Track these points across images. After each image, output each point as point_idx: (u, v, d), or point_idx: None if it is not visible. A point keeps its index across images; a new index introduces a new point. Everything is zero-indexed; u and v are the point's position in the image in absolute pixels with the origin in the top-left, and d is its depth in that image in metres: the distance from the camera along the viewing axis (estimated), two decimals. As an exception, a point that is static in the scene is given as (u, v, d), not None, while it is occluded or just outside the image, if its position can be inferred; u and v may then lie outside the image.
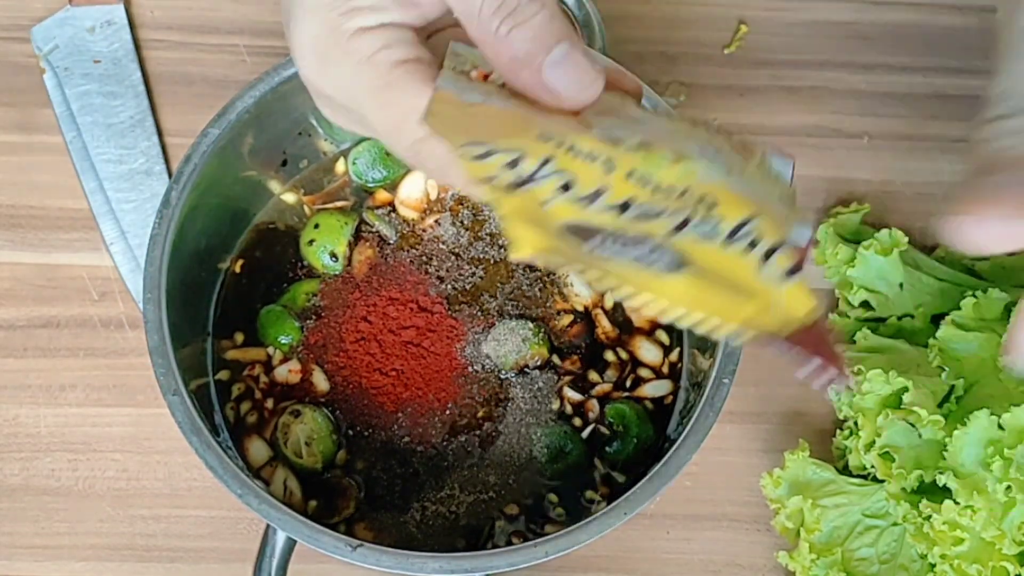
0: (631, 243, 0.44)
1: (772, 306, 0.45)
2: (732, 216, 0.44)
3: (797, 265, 0.44)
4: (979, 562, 0.60)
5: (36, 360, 0.71)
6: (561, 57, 0.43)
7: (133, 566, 0.67)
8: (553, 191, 0.44)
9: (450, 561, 0.57)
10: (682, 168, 0.45)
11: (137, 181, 0.74)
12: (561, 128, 0.44)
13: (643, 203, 0.44)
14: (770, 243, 0.44)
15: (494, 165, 0.44)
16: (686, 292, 0.45)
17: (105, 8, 0.78)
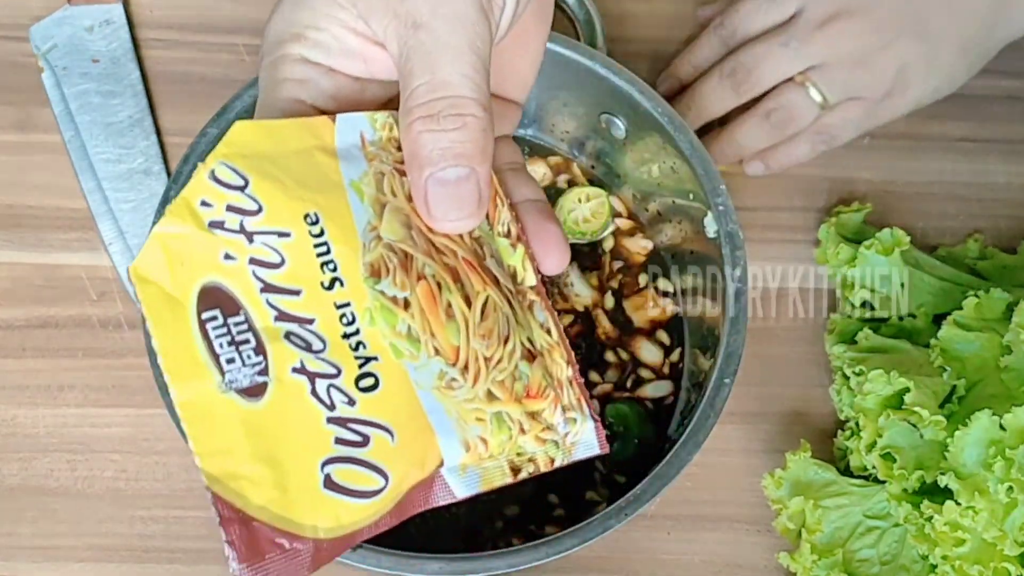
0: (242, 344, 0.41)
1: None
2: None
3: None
4: (980, 563, 0.60)
5: (34, 360, 0.70)
6: (452, 178, 0.42)
7: (132, 567, 0.67)
8: (248, 257, 0.41)
9: (450, 562, 0.56)
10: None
11: (136, 181, 0.74)
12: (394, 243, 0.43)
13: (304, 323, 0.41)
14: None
15: (222, 203, 0.41)
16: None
17: (104, 7, 0.77)
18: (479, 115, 0.42)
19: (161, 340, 0.40)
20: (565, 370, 0.44)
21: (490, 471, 0.43)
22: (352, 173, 0.44)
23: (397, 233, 0.43)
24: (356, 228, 0.43)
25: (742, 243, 0.63)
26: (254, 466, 0.40)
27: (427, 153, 0.42)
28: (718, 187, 0.64)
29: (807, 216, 0.76)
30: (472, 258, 0.44)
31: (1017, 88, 0.80)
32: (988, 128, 0.79)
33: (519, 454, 0.44)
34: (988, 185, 0.77)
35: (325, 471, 0.40)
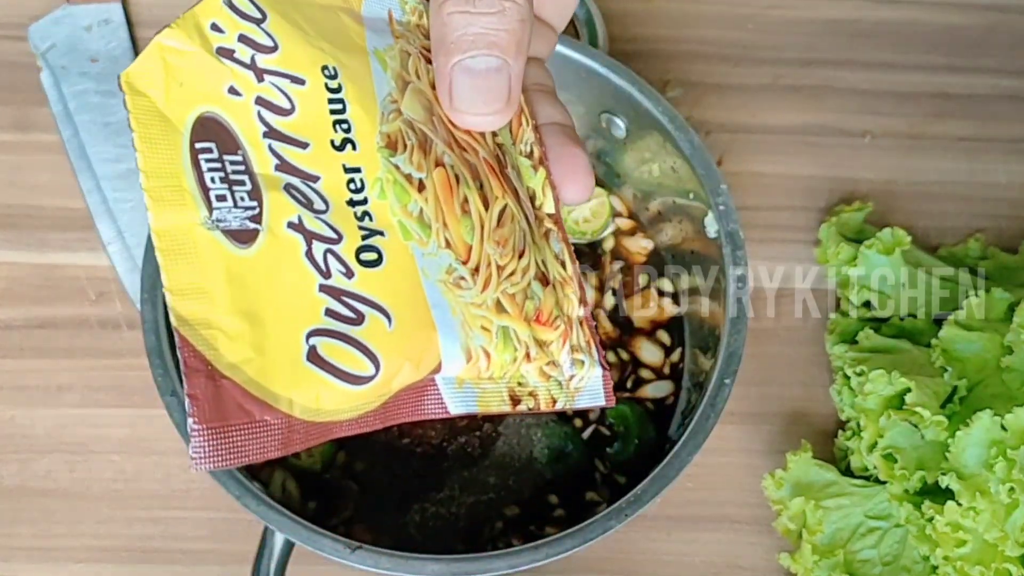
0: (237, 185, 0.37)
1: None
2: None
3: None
4: (982, 564, 0.59)
5: (33, 361, 0.70)
6: (480, 68, 0.38)
7: (131, 568, 0.67)
8: (255, 96, 0.38)
9: (450, 563, 0.56)
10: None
11: (135, 180, 0.73)
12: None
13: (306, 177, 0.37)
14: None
15: (235, 31, 0.38)
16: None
17: (103, 7, 0.77)
18: (521, 4, 0.38)
19: (145, 158, 0.37)
20: (576, 308, 0.40)
21: (488, 393, 0.39)
22: (377, 43, 0.40)
23: (418, 114, 0.39)
24: (376, 95, 0.39)
25: (743, 243, 0.63)
26: (232, 318, 0.35)
27: (456, 36, 0.38)
28: (719, 187, 0.64)
29: (808, 216, 0.75)
30: (493, 162, 0.40)
31: (1018, 88, 0.80)
32: (990, 128, 0.78)
33: (520, 383, 0.40)
34: (989, 185, 0.77)
35: (310, 342, 0.36)
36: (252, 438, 0.34)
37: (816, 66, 0.80)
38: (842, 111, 0.79)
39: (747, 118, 0.78)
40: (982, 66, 0.80)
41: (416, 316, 0.37)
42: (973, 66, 0.80)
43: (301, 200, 0.37)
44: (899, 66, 0.80)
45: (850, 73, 0.80)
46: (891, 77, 0.79)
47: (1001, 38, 0.81)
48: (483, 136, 0.40)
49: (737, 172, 0.76)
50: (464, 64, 0.38)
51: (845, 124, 0.78)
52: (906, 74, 0.80)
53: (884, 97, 0.79)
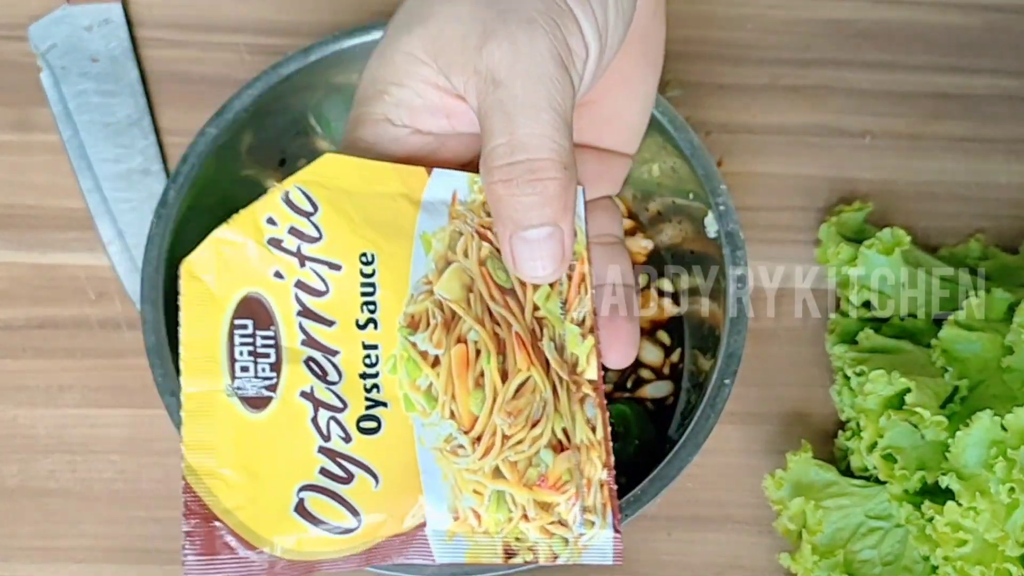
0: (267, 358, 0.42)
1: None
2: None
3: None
4: (982, 564, 0.59)
5: (33, 361, 0.70)
6: (535, 238, 0.43)
7: (131, 568, 0.67)
8: (296, 279, 0.43)
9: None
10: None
11: (135, 180, 0.74)
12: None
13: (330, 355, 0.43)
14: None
15: (287, 224, 0.43)
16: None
17: (103, 6, 0.77)
18: (559, 176, 0.42)
19: (187, 332, 0.42)
20: (599, 472, 0.44)
21: (481, 546, 0.42)
22: (428, 226, 0.44)
23: (454, 293, 0.44)
24: (409, 277, 0.44)
25: (743, 243, 0.63)
26: (233, 471, 0.41)
27: (508, 213, 0.42)
28: (719, 187, 0.64)
29: (808, 216, 0.75)
30: (526, 335, 0.44)
31: (1019, 88, 0.80)
32: (990, 128, 0.78)
33: (518, 539, 0.43)
34: (990, 185, 0.77)
35: (300, 495, 0.41)
36: (238, 568, 0.40)
37: (816, 66, 0.80)
38: (842, 111, 0.79)
39: (747, 118, 0.78)
40: (982, 66, 0.80)
41: (404, 479, 0.42)
42: (973, 66, 0.80)
43: (317, 372, 0.42)
44: (899, 66, 0.80)
45: (850, 73, 0.80)
46: (891, 77, 0.79)
47: (1001, 38, 0.81)
48: (522, 311, 0.44)
49: (737, 172, 0.76)
50: (519, 236, 0.42)
51: (845, 124, 0.78)
52: (906, 74, 0.80)
53: (884, 97, 0.79)
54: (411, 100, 0.44)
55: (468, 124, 0.45)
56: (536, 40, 0.41)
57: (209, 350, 0.42)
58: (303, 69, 0.66)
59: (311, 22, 0.79)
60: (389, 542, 0.41)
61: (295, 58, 0.66)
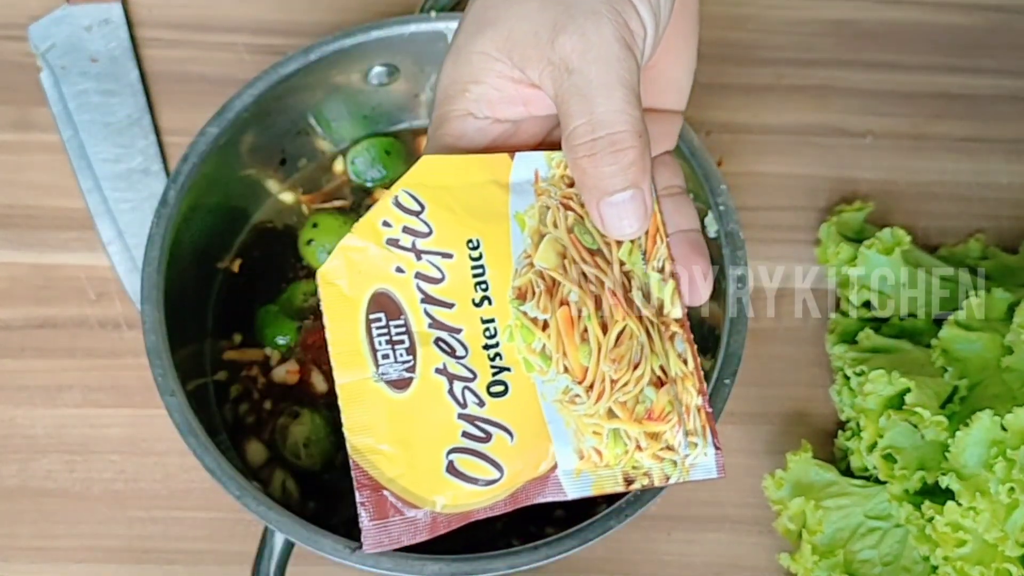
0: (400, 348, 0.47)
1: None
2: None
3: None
4: (982, 564, 0.59)
5: (33, 361, 0.70)
6: (620, 201, 0.47)
7: (131, 568, 0.67)
8: (415, 271, 0.48)
9: (449, 563, 0.56)
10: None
11: (135, 180, 0.74)
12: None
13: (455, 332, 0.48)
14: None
15: (400, 224, 0.48)
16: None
17: (102, 6, 0.77)
18: (636, 144, 0.46)
19: (333, 333, 0.47)
20: (695, 398, 0.48)
21: (603, 478, 0.47)
22: (519, 205, 0.49)
23: (550, 261, 0.48)
24: (512, 254, 0.49)
25: (743, 243, 0.63)
26: (391, 445, 0.46)
27: (594, 183, 0.47)
28: (719, 187, 0.64)
29: (808, 215, 0.75)
30: (618, 289, 0.49)
31: (1020, 88, 0.79)
32: (990, 128, 0.78)
33: (635, 467, 0.48)
34: (990, 185, 0.77)
35: (449, 458, 0.46)
36: (406, 527, 0.46)
37: (817, 66, 0.80)
38: (843, 111, 0.79)
39: (748, 118, 0.78)
40: (983, 66, 0.80)
41: (534, 431, 0.47)
42: (974, 66, 0.80)
43: (446, 350, 0.47)
44: (900, 66, 0.80)
45: (851, 73, 0.80)
46: (892, 77, 0.79)
47: (1002, 38, 0.81)
48: (610, 267, 0.49)
49: (737, 172, 0.76)
50: (606, 202, 0.47)
51: (846, 124, 0.78)
52: (907, 74, 0.80)
53: (885, 97, 0.79)
54: (489, 94, 0.49)
55: (544, 107, 0.49)
56: (602, 28, 0.46)
57: (352, 345, 0.47)
58: (303, 69, 0.66)
59: (311, 22, 0.79)
60: (527, 486, 0.47)
61: (295, 58, 0.66)
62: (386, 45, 0.68)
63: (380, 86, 0.71)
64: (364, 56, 0.68)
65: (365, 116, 0.72)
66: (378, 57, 0.69)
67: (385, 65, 0.70)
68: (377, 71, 0.70)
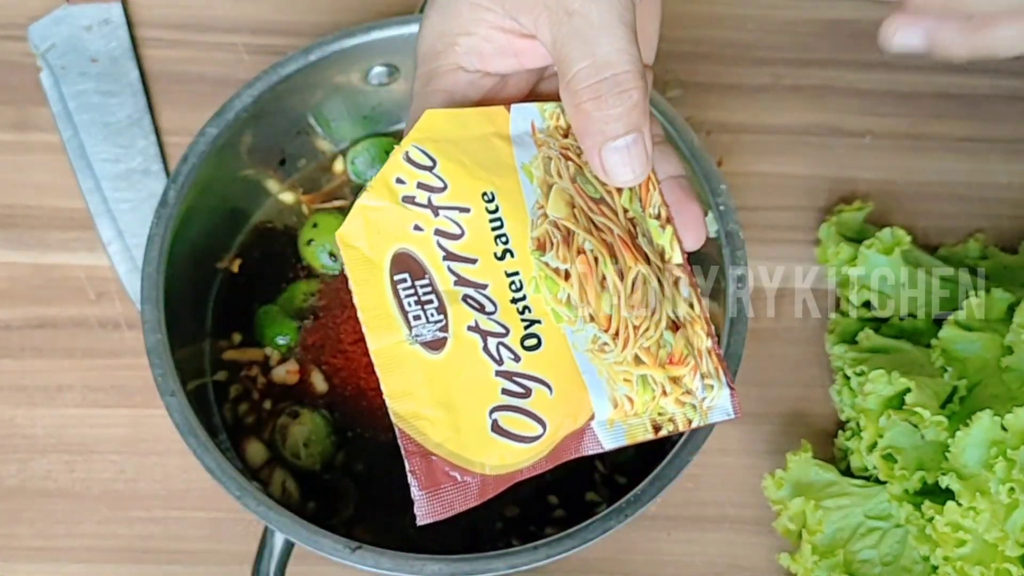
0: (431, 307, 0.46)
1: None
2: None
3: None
4: (982, 564, 0.59)
5: (33, 361, 0.70)
6: (622, 146, 0.46)
7: (130, 568, 0.67)
8: (434, 228, 0.47)
9: (449, 563, 0.56)
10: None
11: (134, 180, 0.74)
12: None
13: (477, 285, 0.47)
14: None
15: (414, 180, 0.47)
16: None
17: (102, 6, 0.77)
18: (639, 85, 0.46)
19: (361, 296, 0.46)
20: (705, 341, 0.48)
21: (634, 427, 0.47)
22: (523, 157, 0.49)
23: (561, 211, 0.48)
24: (526, 206, 0.48)
25: (742, 243, 0.63)
26: (434, 409, 0.45)
27: (598, 128, 0.46)
28: (718, 187, 0.64)
29: (808, 215, 0.75)
30: (626, 236, 0.48)
31: (1019, 88, 0.79)
32: (990, 128, 0.78)
33: (660, 414, 0.48)
34: (989, 185, 0.77)
35: (493, 417, 0.45)
36: (457, 494, 0.44)
37: (816, 66, 0.80)
38: (842, 111, 0.79)
39: (747, 118, 0.78)
40: (982, 66, 0.80)
41: (571, 382, 0.46)
42: (973, 66, 0.80)
43: (475, 306, 0.46)
44: (899, 66, 0.80)
45: (850, 73, 0.80)
46: (891, 77, 0.79)
47: (1001, 38, 0.81)
48: (616, 214, 0.49)
49: (737, 172, 0.76)
50: (609, 147, 0.46)
51: (845, 124, 0.78)
52: (906, 74, 0.80)
53: (884, 97, 0.79)
54: (481, 46, 0.48)
55: (535, 59, 0.49)
56: None
57: (381, 308, 0.46)
58: (303, 69, 0.66)
59: (311, 22, 0.79)
60: (566, 441, 0.46)
61: (295, 58, 0.66)
62: (386, 45, 0.68)
63: (380, 86, 0.71)
64: (364, 56, 0.68)
65: (365, 116, 0.72)
66: (378, 57, 0.69)
67: (385, 65, 0.70)
68: (377, 71, 0.70)
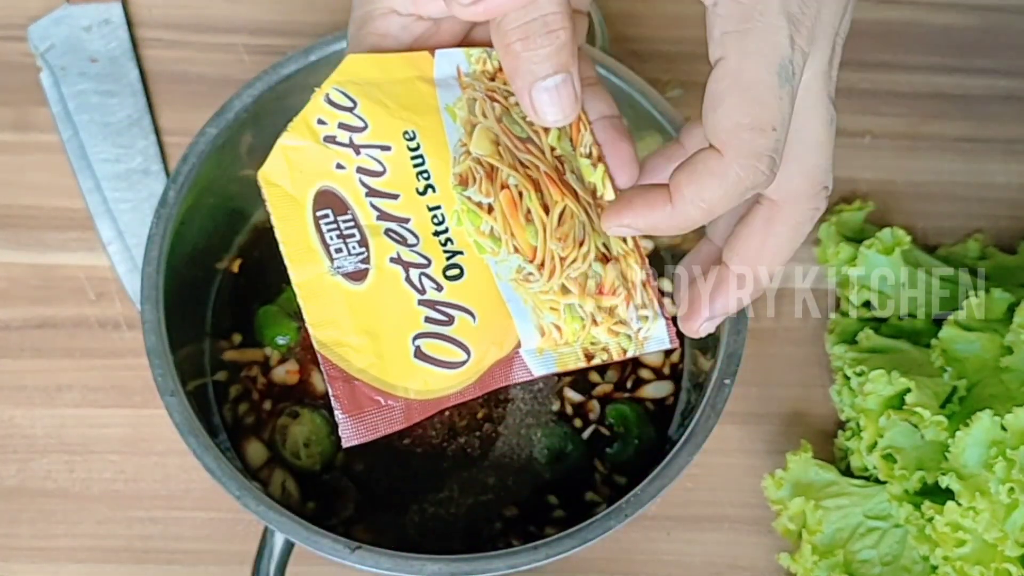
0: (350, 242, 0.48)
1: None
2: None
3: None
4: (981, 564, 0.59)
5: (32, 361, 0.70)
6: (552, 86, 0.47)
7: (130, 568, 0.67)
8: (356, 166, 0.48)
9: (449, 563, 0.56)
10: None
11: (134, 180, 0.74)
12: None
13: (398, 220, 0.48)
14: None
15: (335, 121, 0.48)
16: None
17: (102, 6, 0.77)
18: (567, 26, 0.46)
19: (282, 232, 0.48)
20: (639, 273, 0.49)
21: (565, 355, 0.49)
22: (447, 99, 0.50)
23: (485, 149, 0.49)
24: (448, 144, 0.49)
25: (743, 243, 0.63)
26: (356, 336, 0.47)
27: (527, 68, 0.47)
28: (718, 187, 0.64)
29: (807, 216, 0.75)
30: (553, 173, 0.49)
31: (1017, 88, 0.80)
32: (988, 128, 0.78)
33: (593, 343, 0.49)
34: (988, 185, 0.77)
35: (416, 343, 0.47)
36: (381, 417, 0.46)
37: (816, 66, 0.80)
38: (842, 111, 0.77)
39: (746, 118, 0.78)
40: (981, 67, 0.80)
41: (495, 310, 0.48)
42: (972, 67, 0.80)
43: (397, 239, 0.48)
44: (899, 66, 0.80)
45: (850, 73, 0.79)
46: (891, 77, 0.79)
47: (1000, 39, 0.81)
48: (543, 153, 0.50)
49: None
50: (538, 86, 0.47)
51: (845, 124, 0.77)
52: (906, 74, 0.80)
53: (883, 97, 0.79)
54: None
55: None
56: None
57: (304, 243, 0.47)
58: (303, 69, 0.66)
59: (311, 22, 0.79)
60: (494, 369, 0.48)
61: (295, 58, 0.66)
62: (386, 45, 0.68)
63: (380, 86, 0.71)
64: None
65: (365, 116, 0.72)
66: (378, 57, 0.69)
67: (385, 65, 0.70)
68: (377, 71, 0.70)
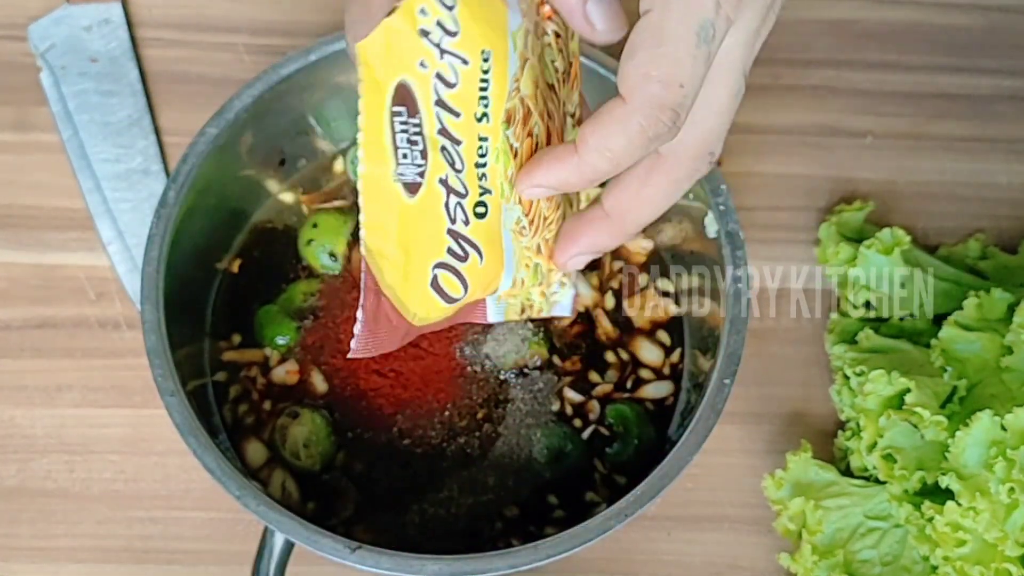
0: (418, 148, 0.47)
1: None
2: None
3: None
4: (982, 564, 0.59)
5: (32, 361, 0.70)
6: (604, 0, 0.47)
7: (130, 568, 0.67)
8: (435, 71, 0.46)
9: (449, 563, 0.56)
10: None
11: (134, 180, 0.74)
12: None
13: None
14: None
15: (434, 16, 0.46)
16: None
17: (102, 6, 0.77)
18: None
19: (366, 119, 0.46)
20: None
21: (511, 307, 0.51)
22: (513, 24, 0.48)
23: (529, 89, 0.48)
24: (508, 74, 0.48)
25: (742, 243, 0.63)
26: (395, 250, 0.47)
27: None
28: (719, 187, 0.64)
29: (808, 215, 0.75)
30: (559, 128, 0.50)
31: (1019, 88, 0.79)
32: (990, 128, 0.78)
33: (527, 299, 0.52)
34: (989, 185, 0.77)
35: (434, 272, 0.48)
36: (387, 337, 0.47)
37: (816, 66, 0.80)
38: (842, 111, 0.79)
39: (747, 118, 0.78)
40: (983, 66, 0.80)
41: (496, 256, 0.49)
42: (974, 66, 0.80)
43: (449, 160, 0.47)
44: (900, 66, 0.80)
45: (851, 73, 0.80)
46: (892, 77, 0.79)
47: (1002, 38, 0.81)
48: (560, 105, 0.49)
49: (737, 172, 0.76)
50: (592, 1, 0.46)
51: (846, 124, 0.78)
52: (907, 74, 0.80)
53: (885, 97, 0.79)
54: None
55: None
56: None
57: (379, 137, 0.46)
58: (303, 69, 0.66)
59: (311, 22, 0.79)
60: (465, 308, 0.49)
61: (295, 58, 0.66)
62: (386, 45, 0.68)
63: (380, 86, 0.71)
64: (364, 56, 0.68)
65: (365, 116, 0.72)
66: (378, 57, 0.69)
67: (385, 65, 0.70)
68: (377, 71, 0.70)
